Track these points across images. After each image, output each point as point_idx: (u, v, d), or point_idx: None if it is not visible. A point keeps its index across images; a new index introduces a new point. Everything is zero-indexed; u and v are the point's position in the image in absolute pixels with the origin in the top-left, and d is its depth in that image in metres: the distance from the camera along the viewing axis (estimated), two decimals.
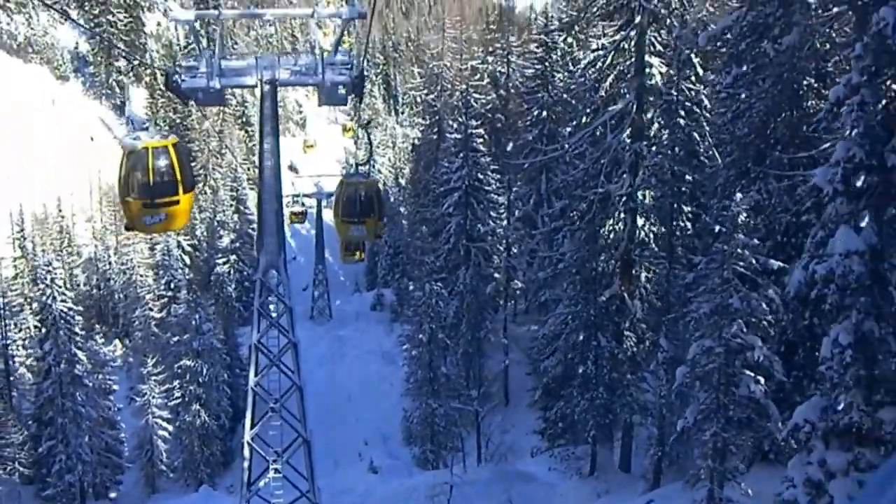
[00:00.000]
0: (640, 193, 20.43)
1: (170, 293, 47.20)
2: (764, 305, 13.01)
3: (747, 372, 12.98)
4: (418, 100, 73.22)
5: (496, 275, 37.12)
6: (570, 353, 22.38)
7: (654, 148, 20.58)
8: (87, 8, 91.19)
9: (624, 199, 20.54)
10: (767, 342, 13.12)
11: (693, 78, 20.82)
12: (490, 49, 49.15)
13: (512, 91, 43.52)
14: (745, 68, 15.96)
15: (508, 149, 39.17)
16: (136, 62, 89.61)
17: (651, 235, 20.96)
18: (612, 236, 21.13)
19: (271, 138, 20.66)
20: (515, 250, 37.91)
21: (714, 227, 16.73)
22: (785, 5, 15.40)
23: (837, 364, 9.18)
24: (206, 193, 68.57)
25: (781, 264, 13.60)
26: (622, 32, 21.32)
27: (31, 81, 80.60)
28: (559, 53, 37.54)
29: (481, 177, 36.00)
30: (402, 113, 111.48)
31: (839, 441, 9.44)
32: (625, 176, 20.31)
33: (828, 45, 14.93)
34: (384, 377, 40.46)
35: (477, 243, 35.81)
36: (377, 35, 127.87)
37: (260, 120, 21.00)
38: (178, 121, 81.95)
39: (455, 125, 38.66)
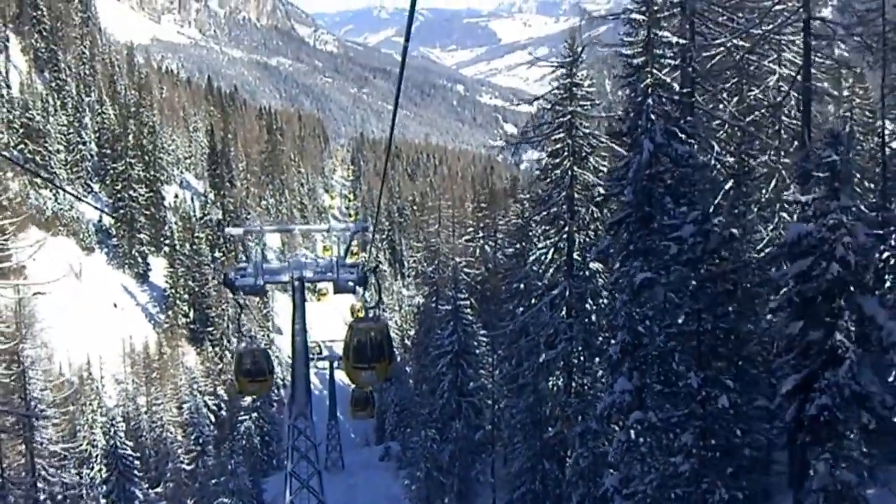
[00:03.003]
0: (573, 358, 29.18)
1: (198, 448, 55.34)
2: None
3: (609, 470, 21.37)
4: (419, 270, 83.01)
5: (486, 425, 45.04)
6: (524, 478, 30.83)
7: (584, 321, 29.35)
8: (108, 182, 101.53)
9: (561, 362, 29.31)
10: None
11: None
12: (482, 225, 58.79)
13: (498, 264, 52.67)
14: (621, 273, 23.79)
15: (493, 317, 47.84)
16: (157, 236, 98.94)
17: (583, 388, 29.52)
18: (553, 389, 29.85)
19: (301, 322, 29.89)
20: (502, 404, 45.73)
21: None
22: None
23: (621, 452, 17.66)
24: (225, 359, 77.54)
25: None
26: (558, 236, 30.61)
27: (59, 253, 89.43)
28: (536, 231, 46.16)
29: (470, 341, 44.45)
30: (408, 277, 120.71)
31: (630, 497, 17.80)
32: (561, 344, 29.07)
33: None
34: None
35: (467, 398, 43.78)
36: (384, 200, 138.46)
37: (293, 308, 30.29)
38: (196, 289, 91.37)
39: (449, 294, 47.23)
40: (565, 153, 29.75)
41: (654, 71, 19.14)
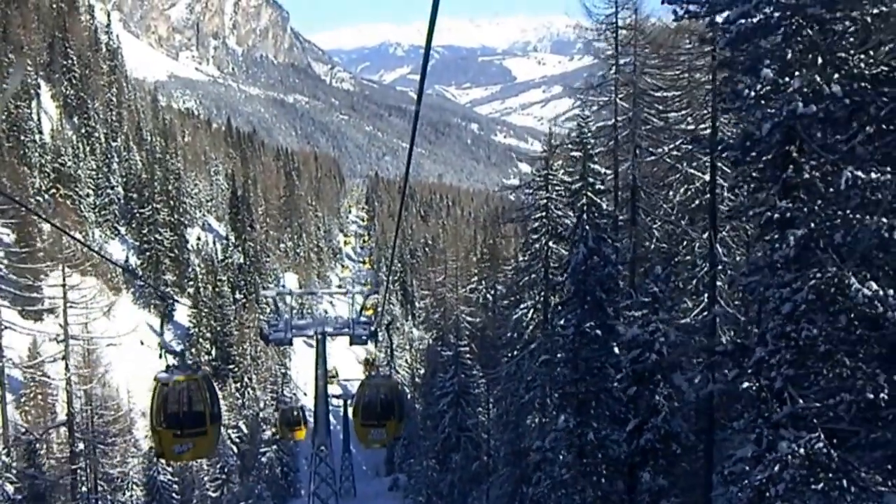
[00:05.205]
0: (548, 400, 35.66)
1: (223, 476, 61.69)
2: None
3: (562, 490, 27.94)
4: (427, 315, 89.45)
5: (482, 457, 51.30)
6: (506, 501, 37.38)
7: (553, 371, 35.82)
8: (134, 226, 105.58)
9: (537, 405, 35.84)
10: None
11: None
12: (484, 276, 65.44)
13: (497, 312, 59.05)
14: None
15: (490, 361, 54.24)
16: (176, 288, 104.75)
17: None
18: (531, 426, 36.40)
19: (322, 369, 36.48)
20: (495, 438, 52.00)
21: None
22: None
23: (551, 484, 24.24)
24: (246, 395, 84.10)
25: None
26: (535, 298, 37.26)
27: (88, 293, 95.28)
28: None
29: (470, 382, 50.75)
30: (418, 318, 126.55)
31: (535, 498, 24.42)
32: (536, 389, 35.59)
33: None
34: None
35: (466, 433, 49.92)
36: (397, 242, 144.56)
37: (316, 357, 36.85)
38: (218, 328, 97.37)
39: (451, 341, 53.58)
40: (543, 230, 36.35)
41: (588, 194, 26.17)
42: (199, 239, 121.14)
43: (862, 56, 13.46)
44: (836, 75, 13.53)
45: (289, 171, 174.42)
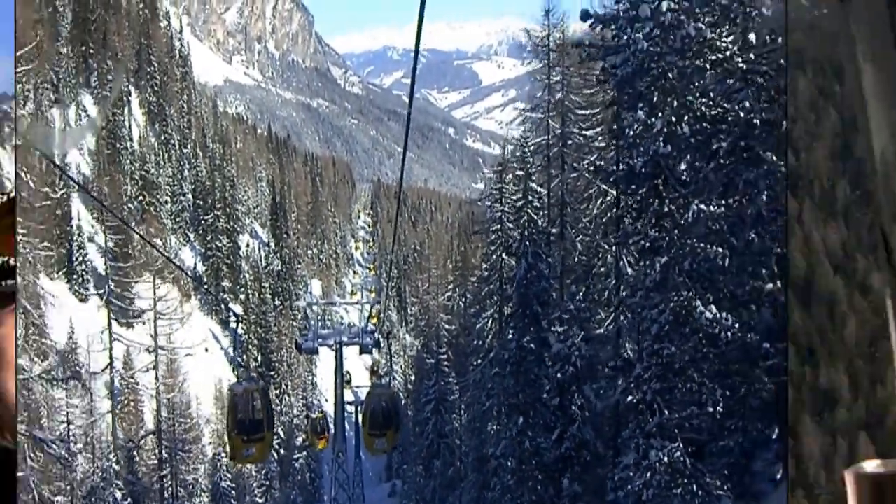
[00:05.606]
0: (502, 409, 36.57)
1: (267, 482, 64.40)
2: None
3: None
4: (416, 322, 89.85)
5: (457, 462, 51.54)
6: None
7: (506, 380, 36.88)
8: (199, 233, 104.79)
9: (495, 412, 36.76)
10: None
11: None
12: (458, 284, 65.64)
13: (466, 320, 59.30)
14: None
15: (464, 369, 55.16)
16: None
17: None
18: (492, 433, 37.50)
19: (339, 377, 37.36)
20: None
21: None
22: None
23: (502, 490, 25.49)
24: (283, 401, 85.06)
25: None
26: (492, 309, 38.24)
27: (171, 304, 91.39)
28: None
29: (447, 389, 51.36)
30: (410, 324, 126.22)
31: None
32: (495, 397, 36.63)
33: None
34: None
35: (444, 439, 50.32)
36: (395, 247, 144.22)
37: (335, 366, 37.54)
38: (262, 335, 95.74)
39: (433, 348, 54.22)
40: (498, 243, 37.02)
41: (528, 211, 27.62)
42: (247, 245, 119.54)
43: (703, 99, 14.61)
44: (686, 116, 14.71)
45: (314, 176, 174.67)
